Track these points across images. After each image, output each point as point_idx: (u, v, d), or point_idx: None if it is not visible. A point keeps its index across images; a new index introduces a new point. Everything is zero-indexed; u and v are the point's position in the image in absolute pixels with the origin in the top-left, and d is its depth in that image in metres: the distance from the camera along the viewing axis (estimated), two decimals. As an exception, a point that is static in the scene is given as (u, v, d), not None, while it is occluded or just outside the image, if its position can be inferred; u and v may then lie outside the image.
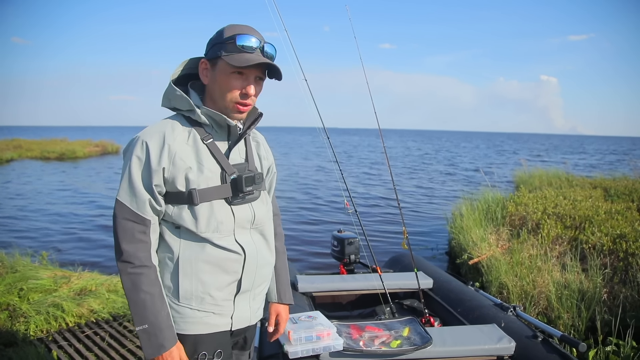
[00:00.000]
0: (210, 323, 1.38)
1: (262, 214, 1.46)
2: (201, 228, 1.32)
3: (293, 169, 19.99)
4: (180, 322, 1.35)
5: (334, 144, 2.82)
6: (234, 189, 1.36)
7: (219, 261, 1.35)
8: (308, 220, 9.02)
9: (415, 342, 2.18)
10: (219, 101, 1.34)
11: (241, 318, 1.46)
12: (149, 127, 1.33)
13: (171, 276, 1.34)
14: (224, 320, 1.41)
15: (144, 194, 1.28)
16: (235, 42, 1.28)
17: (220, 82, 1.32)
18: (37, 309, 3.59)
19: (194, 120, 1.36)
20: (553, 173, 10.75)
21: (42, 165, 20.74)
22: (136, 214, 1.28)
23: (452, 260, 6.07)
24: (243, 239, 1.39)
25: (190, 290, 1.34)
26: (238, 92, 1.32)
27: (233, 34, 1.29)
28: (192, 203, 1.31)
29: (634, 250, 4.20)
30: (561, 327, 3.52)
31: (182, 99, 1.34)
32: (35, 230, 8.02)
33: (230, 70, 1.30)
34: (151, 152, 1.27)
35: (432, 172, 19.94)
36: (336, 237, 3.68)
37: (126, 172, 1.29)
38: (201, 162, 1.33)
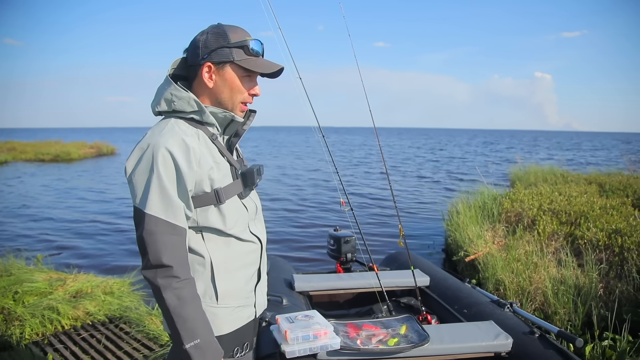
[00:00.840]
0: (241, 316, 1.42)
1: (259, 204, 1.54)
2: (229, 225, 1.35)
3: (287, 168, 19.99)
4: (219, 324, 1.36)
5: (329, 143, 2.81)
6: (244, 184, 1.40)
7: (245, 255, 1.40)
8: (304, 219, 9.02)
9: (412, 339, 2.17)
10: (227, 102, 1.36)
11: (261, 304, 1.53)
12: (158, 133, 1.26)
13: (206, 281, 1.34)
14: (251, 310, 1.46)
15: (179, 203, 1.24)
16: (247, 47, 1.33)
17: (232, 84, 1.35)
18: (32, 312, 3.57)
19: (195, 121, 1.34)
20: (548, 169, 10.80)
21: (37, 167, 20.64)
22: (174, 226, 1.23)
23: (449, 258, 6.08)
24: (256, 230, 1.46)
25: (227, 289, 1.36)
26: (247, 93, 1.38)
27: (243, 39, 1.33)
28: (220, 202, 1.32)
29: (629, 245, 4.22)
30: (558, 322, 3.53)
31: (189, 100, 1.31)
32: (30, 232, 7.98)
33: (243, 74, 1.34)
34: (178, 158, 1.22)
35: (427, 169, 19.98)
36: (332, 236, 3.68)
37: (153, 182, 1.21)
38: (217, 162, 1.34)
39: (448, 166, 21.79)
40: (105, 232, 7.95)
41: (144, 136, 1.28)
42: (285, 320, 2.05)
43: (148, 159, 1.22)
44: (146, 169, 1.22)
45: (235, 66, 1.33)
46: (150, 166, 1.21)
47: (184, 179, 1.23)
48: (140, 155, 1.23)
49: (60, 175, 17.59)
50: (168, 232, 1.22)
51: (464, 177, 16.49)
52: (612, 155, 27.26)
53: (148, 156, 1.22)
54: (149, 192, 1.21)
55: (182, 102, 1.31)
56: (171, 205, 1.22)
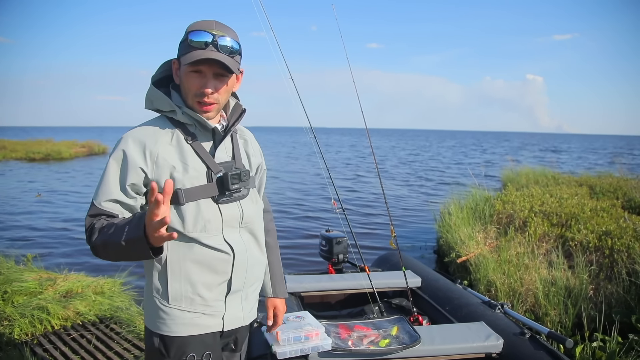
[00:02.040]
0: (200, 324, 1.37)
1: (251, 212, 1.45)
2: (188, 228, 1.30)
3: (279, 169, 19.96)
4: (170, 324, 1.35)
5: (320, 143, 2.81)
6: (220, 187, 1.35)
7: (207, 261, 1.34)
8: (296, 220, 9.00)
9: (403, 340, 2.18)
10: (187, 100, 1.34)
11: (234, 318, 1.44)
12: (132, 129, 1.34)
13: (160, 278, 1.34)
14: (215, 321, 1.40)
15: (115, 194, 1.28)
16: (187, 39, 1.28)
17: (183, 81, 1.32)
18: (22, 312, 3.53)
19: (176, 121, 1.35)
20: (539, 171, 10.87)
21: (27, 166, 20.47)
22: (103, 210, 1.28)
23: (440, 259, 6.09)
24: (232, 238, 1.38)
25: (180, 291, 1.33)
26: (196, 90, 1.31)
27: (189, 31, 1.29)
28: (178, 203, 1.29)
29: (619, 247, 4.25)
30: (548, 323, 3.55)
31: (163, 100, 1.33)
32: (20, 231, 7.91)
33: (189, 70, 1.29)
34: (129, 152, 1.28)
35: (418, 171, 20.03)
36: (324, 237, 3.68)
37: (102, 173, 1.30)
38: (185, 162, 1.32)
39: (412, 168, 21.88)
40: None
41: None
42: (277, 321, 2.04)
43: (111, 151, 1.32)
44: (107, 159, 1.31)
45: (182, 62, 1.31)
46: (108, 157, 1.31)
47: (126, 172, 1.28)
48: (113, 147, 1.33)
49: (50, 173, 17.45)
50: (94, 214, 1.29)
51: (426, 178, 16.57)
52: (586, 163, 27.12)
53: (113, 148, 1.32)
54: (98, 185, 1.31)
55: (159, 102, 1.35)
56: (105, 194, 1.28)
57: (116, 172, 1.28)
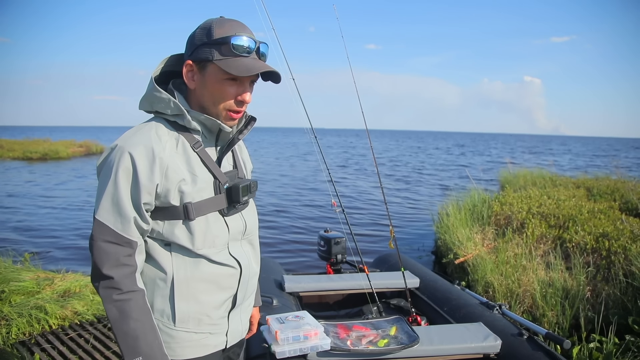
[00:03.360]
0: (207, 344, 1.29)
1: (252, 223, 1.38)
2: (198, 245, 1.21)
3: (278, 169, 19.96)
4: (176, 348, 1.24)
5: (320, 144, 2.82)
6: (229, 200, 1.26)
7: (215, 278, 1.26)
8: (294, 220, 9.00)
9: (402, 341, 2.18)
10: (210, 108, 1.22)
11: (235, 333, 1.38)
12: (130, 135, 1.17)
13: (165, 299, 1.22)
14: (220, 339, 1.32)
15: (130, 213, 1.14)
16: (229, 45, 1.15)
17: (212, 88, 1.19)
18: (19, 312, 3.53)
19: (179, 125, 1.22)
20: (537, 173, 10.89)
21: (24, 165, 20.42)
22: (121, 236, 1.14)
23: (439, 260, 6.10)
24: (236, 252, 1.30)
25: (188, 312, 1.23)
26: (233, 100, 1.21)
27: (226, 35, 1.15)
28: (188, 218, 1.19)
29: (616, 248, 4.27)
30: (546, 324, 3.56)
31: (169, 102, 1.19)
32: (17, 231, 7.89)
33: (225, 77, 1.17)
34: (139, 166, 1.13)
35: (417, 171, 20.06)
36: (323, 237, 3.68)
37: (108, 187, 1.14)
38: (194, 172, 1.21)
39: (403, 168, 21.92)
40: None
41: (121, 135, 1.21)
42: (276, 321, 2.05)
43: (111, 161, 1.15)
44: (107, 172, 1.15)
45: (215, 67, 1.17)
46: (110, 170, 1.14)
47: (139, 190, 1.13)
48: (107, 156, 1.17)
49: (48, 173, 17.42)
50: (114, 242, 1.14)
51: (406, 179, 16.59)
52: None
53: (112, 159, 1.15)
54: (102, 196, 1.14)
55: (162, 104, 1.20)
56: (120, 215, 1.14)
57: (127, 189, 1.14)
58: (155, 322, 1.19)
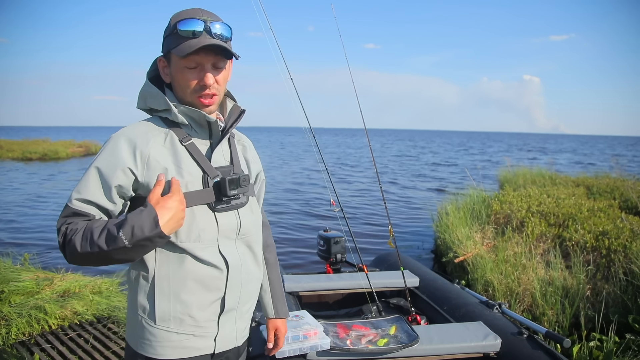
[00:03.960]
0: (190, 346, 1.24)
1: (249, 222, 1.32)
2: (181, 237, 1.18)
3: (278, 168, 19.95)
4: (156, 346, 1.22)
5: (318, 143, 2.81)
6: (217, 193, 1.23)
7: (200, 277, 1.21)
8: (294, 220, 9.00)
9: (402, 340, 2.18)
10: (185, 98, 1.23)
11: (226, 339, 1.31)
12: (122, 128, 1.22)
13: (146, 296, 1.20)
14: (206, 342, 1.26)
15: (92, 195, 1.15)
16: (177, 30, 1.17)
17: (178, 78, 1.21)
18: (19, 312, 3.52)
19: (171, 121, 1.24)
20: (537, 172, 10.89)
21: (23, 166, 20.41)
22: (77, 211, 1.15)
23: (438, 259, 6.10)
24: (227, 250, 1.25)
25: (169, 311, 1.20)
26: (195, 85, 1.20)
27: (175, 22, 1.18)
28: None
29: (616, 247, 4.27)
30: (546, 323, 3.56)
31: (158, 97, 1.22)
32: (16, 231, 7.89)
33: (183, 64, 1.18)
34: (118, 151, 1.16)
35: (417, 170, 20.06)
36: (322, 237, 3.68)
37: (85, 172, 1.17)
38: (179, 165, 1.20)
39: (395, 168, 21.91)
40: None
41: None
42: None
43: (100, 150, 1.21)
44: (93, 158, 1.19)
45: (174, 56, 1.19)
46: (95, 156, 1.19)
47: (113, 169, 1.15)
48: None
49: (48, 173, 17.41)
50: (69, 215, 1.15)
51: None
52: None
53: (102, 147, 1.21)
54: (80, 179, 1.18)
55: (154, 99, 1.24)
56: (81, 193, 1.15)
57: (100, 172, 1.16)
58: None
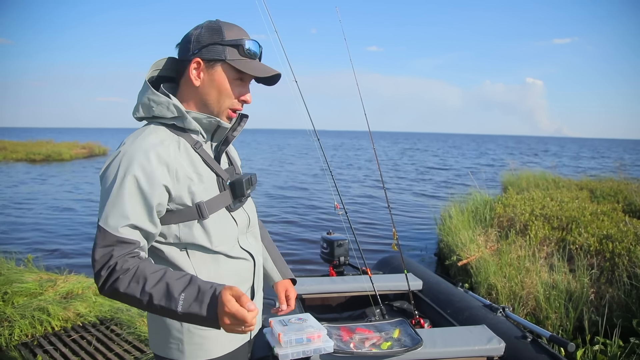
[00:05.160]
0: (235, 339, 1.32)
1: (254, 215, 1.41)
2: (215, 242, 1.22)
3: (281, 170, 19.96)
4: (210, 348, 1.27)
5: (316, 146, 2.80)
6: (233, 195, 1.28)
7: (235, 271, 1.29)
8: (297, 222, 9.00)
9: (405, 343, 2.17)
10: (213, 105, 1.24)
11: (257, 322, 1.42)
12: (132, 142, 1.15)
13: None
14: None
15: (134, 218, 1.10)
16: (242, 47, 1.20)
17: (220, 86, 1.21)
18: (22, 313, 3.53)
19: (178, 128, 1.23)
20: (540, 175, 10.87)
21: (27, 167, 20.48)
22: (122, 239, 1.09)
23: (442, 262, 6.09)
24: (246, 244, 1.33)
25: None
26: (236, 99, 1.25)
27: (239, 38, 1.21)
28: (202, 217, 1.19)
29: (620, 250, 4.25)
30: (549, 327, 3.55)
31: (169, 105, 1.19)
32: (20, 233, 7.90)
33: (235, 77, 1.22)
34: (152, 168, 1.12)
35: (420, 173, 20.04)
36: (325, 239, 3.67)
37: (112, 194, 1.10)
38: (199, 172, 1.21)
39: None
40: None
41: (122, 142, 1.17)
42: (279, 323, 2.04)
43: (115, 168, 1.11)
44: (111, 179, 1.11)
45: (227, 66, 1.20)
46: (115, 177, 1.11)
47: (148, 194, 1.11)
48: (110, 163, 1.14)
49: (50, 174, 17.45)
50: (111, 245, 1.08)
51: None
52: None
53: (116, 165, 1.12)
54: (106, 203, 1.10)
55: (161, 107, 1.20)
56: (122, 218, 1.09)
57: (137, 192, 1.10)
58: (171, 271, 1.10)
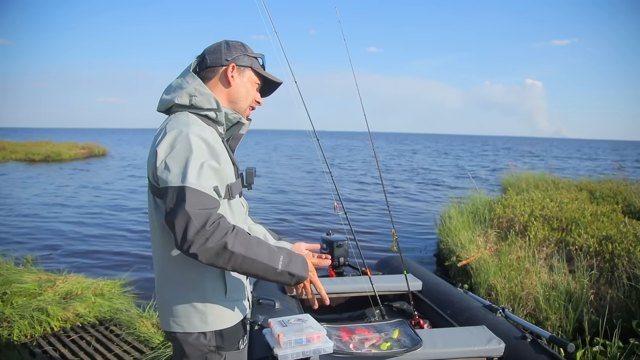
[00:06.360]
0: (243, 308, 1.50)
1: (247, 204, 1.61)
2: (236, 220, 1.42)
3: (281, 171, 19.96)
4: (228, 317, 1.42)
5: (315, 147, 2.80)
6: (243, 183, 1.51)
7: None
8: (296, 223, 9.00)
9: (405, 344, 2.17)
10: (240, 103, 1.49)
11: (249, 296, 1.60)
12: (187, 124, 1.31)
13: (216, 275, 1.37)
14: (246, 304, 1.54)
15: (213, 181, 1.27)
16: (261, 60, 1.54)
17: (248, 88, 1.50)
18: (21, 313, 3.53)
19: (209, 119, 1.42)
20: (539, 176, 10.87)
21: (27, 167, 20.46)
22: (213, 198, 1.24)
23: (441, 263, 6.09)
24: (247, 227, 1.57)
25: (235, 282, 1.43)
26: (253, 98, 1.52)
27: (258, 53, 1.52)
28: (232, 196, 1.40)
29: (620, 251, 4.25)
30: (549, 328, 3.55)
31: (210, 98, 1.39)
32: (19, 233, 7.90)
33: (256, 81, 1.51)
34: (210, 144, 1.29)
35: (420, 173, 20.05)
36: (325, 240, 3.67)
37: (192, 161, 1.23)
38: (230, 158, 1.44)
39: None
40: (96, 233, 7.90)
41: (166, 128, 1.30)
42: (278, 324, 2.04)
43: (184, 142, 1.25)
44: (184, 150, 1.24)
45: (253, 73, 1.50)
46: (188, 148, 1.24)
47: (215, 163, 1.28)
48: (174, 140, 1.26)
49: (51, 175, 17.44)
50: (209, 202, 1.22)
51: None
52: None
53: (184, 140, 1.25)
54: (187, 169, 1.22)
55: (203, 98, 1.39)
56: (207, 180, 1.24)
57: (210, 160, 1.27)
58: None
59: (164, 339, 3.26)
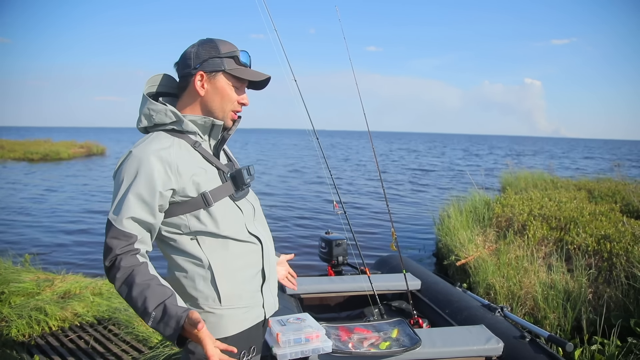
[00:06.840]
0: (249, 317, 1.43)
1: (258, 205, 1.55)
2: (222, 227, 1.36)
3: (280, 170, 19.96)
4: (224, 326, 1.38)
5: (321, 146, 2.81)
6: (235, 185, 1.42)
7: (244, 254, 1.41)
8: (296, 222, 9.00)
9: (404, 343, 2.17)
10: (217, 111, 1.41)
11: (271, 306, 1.53)
12: (139, 145, 1.32)
13: (208, 283, 1.36)
14: (258, 311, 1.47)
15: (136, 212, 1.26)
16: (237, 58, 1.40)
17: (222, 93, 1.40)
18: (19, 313, 3.52)
19: (177, 132, 1.38)
20: (538, 175, 10.88)
21: (25, 166, 20.43)
22: (121, 232, 1.25)
23: (440, 262, 6.09)
24: (254, 230, 1.46)
25: (231, 290, 1.38)
26: (236, 102, 1.42)
27: (232, 50, 1.39)
28: (208, 205, 1.34)
29: (618, 250, 4.25)
30: (548, 327, 3.55)
31: (167, 112, 1.35)
32: (17, 232, 7.88)
33: (232, 84, 1.40)
34: (154, 170, 1.27)
35: (418, 173, 20.05)
36: (324, 239, 3.66)
37: (120, 190, 1.27)
38: (201, 166, 1.37)
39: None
40: (94, 233, 7.89)
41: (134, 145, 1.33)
42: (277, 323, 2.04)
43: (125, 167, 1.28)
44: (121, 177, 1.27)
45: (227, 75, 1.39)
46: (124, 175, 1.27)
47: (154, 190, 1.26)
48: (122, 162, 1.30)
49: (48, 174, 17.42)
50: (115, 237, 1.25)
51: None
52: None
53: (126, 165, 1.28)
54: (115, 198, 1.28)
55: (160, 114, 1.36)
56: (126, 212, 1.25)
57: (141, 190, 1.26)
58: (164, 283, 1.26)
59: (162, 339, 3.25)
